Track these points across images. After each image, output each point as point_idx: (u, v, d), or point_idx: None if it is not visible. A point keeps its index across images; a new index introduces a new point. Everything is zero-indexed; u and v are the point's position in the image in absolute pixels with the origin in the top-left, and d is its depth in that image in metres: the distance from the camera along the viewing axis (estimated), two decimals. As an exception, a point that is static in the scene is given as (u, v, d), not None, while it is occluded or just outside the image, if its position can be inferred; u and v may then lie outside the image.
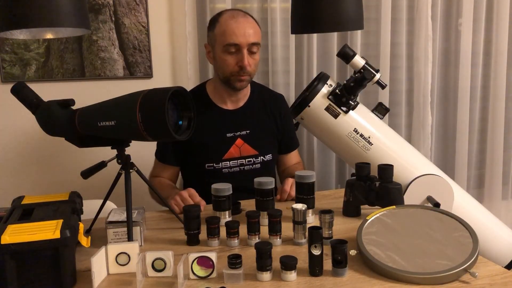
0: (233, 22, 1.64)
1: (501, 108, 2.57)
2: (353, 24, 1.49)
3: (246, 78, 1.68)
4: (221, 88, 1.74)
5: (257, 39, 1.66)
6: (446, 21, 2.47)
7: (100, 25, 2.05)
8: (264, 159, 1.77)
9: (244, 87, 1.72)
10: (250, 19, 1.69)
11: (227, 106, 1.77)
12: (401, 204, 1.38)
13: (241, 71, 1.66)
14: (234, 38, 1.63)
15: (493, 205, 2.62)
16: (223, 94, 1.75)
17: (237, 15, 1.67)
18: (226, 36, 1.64)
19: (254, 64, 1.69)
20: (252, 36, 1.64)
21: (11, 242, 1.00)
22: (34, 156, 2.09)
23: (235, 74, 1.67)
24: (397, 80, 2.42)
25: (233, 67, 1.66)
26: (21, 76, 2.01)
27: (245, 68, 1.65)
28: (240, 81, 1.68)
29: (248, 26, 1.65)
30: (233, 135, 1.74)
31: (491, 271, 1.10)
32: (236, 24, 1.64)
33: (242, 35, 1.63)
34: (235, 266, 1.07)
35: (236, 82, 1.68)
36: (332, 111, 1.63)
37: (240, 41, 1.63)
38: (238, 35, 1.63)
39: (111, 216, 1.31)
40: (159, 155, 1.79)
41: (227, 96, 1.75)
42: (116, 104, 1.22)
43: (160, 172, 1.78)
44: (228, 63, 1.66)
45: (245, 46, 1.64)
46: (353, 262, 1.14)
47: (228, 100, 1.76)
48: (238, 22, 1.64)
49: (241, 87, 1.71)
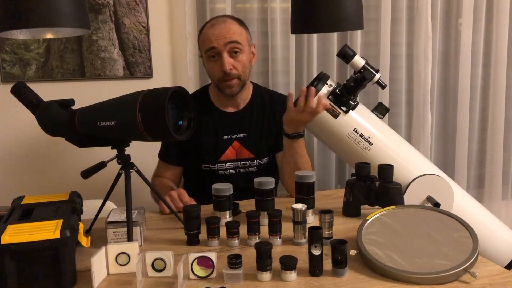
0: (211, 29, 1.65)
1: (501, 108, 2.57)
2: (353, 24, 1.48)
3: (234, 82, 1.66)
4: (219, 93, 1.75)
5: (235, 37, 1.63)
6: (446, 21, 2.47)
7: (100, 25, 2.05)
8: (261, 162, 1.77)
9: (235, 92, 1.70)
10: (230, 21, 1.66)
11: (227, 109, 1.78)
12: (401, 204, 1.38)
13: (225, 76, 1.64)
14: (209, 43, 1.63)
15: (493, 205, 2.62)
16: (222, 98, 1.76)
17: (216, 21, 1.67)
18: (204, 43, 1.66)
19: (240, 66, 1.66)
20: (228, 36, 1.62)
21: (11, 242, 1.00)
22: (34, 156, 2.09)
23: (222, 80, 1.66)
24: (397, 80, 2.42)
25: (218, 73, 1.65)
26: (21, 76, 2.01)
27: (228, 72, 1.63)
28: (229, 87, 1.67)
29: (225, 28, 1.63)
30: (229, 137, 1.75)
31: (491, 271, 1.10)
32: (213, 29, 1.64)
33: (217, 37, 1.62)
34: (235, 266, 1.07)
35: (225, 88, 1.68)
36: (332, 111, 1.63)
37: (216, 44, 1.62)
38: (212, 39, 1.62)
39: (111, 216, 1.31)
40: (162, 155, 1.80)
41: (226, 100, 1.76)
42: (116, 104, 1.22)
43: (163, 171, 1.79)
44: (213, 70, 1.67)
45: (222, 48, 1.62)
46: (353, 262, 1.14)
47: (228, 103, 1.77)
48: (214, 27, 1.64)
49: (232, 93, 1.70)
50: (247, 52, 1.69)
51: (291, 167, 1.64)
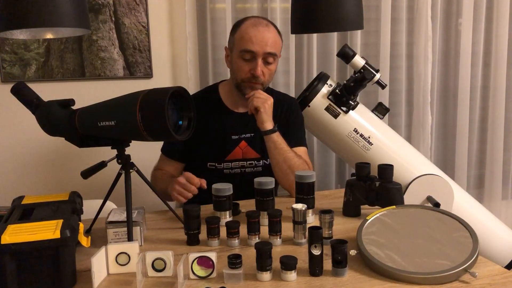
0: (253, 30, 1.65)
1: (501, 108, 2.57)
2: (353, 24, 1.49)
3: (258, 86, 1.68)
4: (234, 92, 1.75)
5: (274, 49, 1.66)
6: (446, 21, 2.47)
7: (100, 25, 2.05)
8: (266, 162, 1.78)
9: None
10: (272, 29, 1.68)
11: (238, 109, 1.78)
12: (401, 204, 1.38)
13: (253, 78, 1.66)
14: (250, 45, 1.64)
15: (493, 205, 2.62)
16: (236, 97, 1.76)
17: (259, 23, 1.67)
18: (243, 42, 1.65)
19: (268, 74, 1.69)
20: (269, 46, 1.64)
21: (11, 242, 1.00)
22: (34, 156, 2.09)
23: (247, 81, 1.68)
24: (397, 80, 2.42)
25: (246, 73, 1.67)
26: (21, 76, 2.01)
27: (257, 77, 1.66)
28: (251, 88, 1.68)
29: (267, 35, 1.64)
30: (238, 137, 1.75)
31: (491, 271, 1.10)
32: (255, 32, 1.64)
33: (259, 43, 1.63)
34: (235, 266, 1.07)
35: (247, 88, 1.69)
36: (332, 111, 1.63)
37: (256, 49, 1.63)
38: (254, 43, 1.63)
39: (111, 216, 1.31)
40: (165, 149, 1.79)
41: (239, 100, 1.76)
42: (116, 104, 1.22)
43: (165, 166, 1.78)
44: (242, 69, 1.68)
45: (260, 54, 1.64)
46: (353, 262, 1.14)
47: (240, 104, 1.77)
48: (257, 30, 1.65)
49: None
50: (277, 62, 1.72)
51: (274, 164, 1.65)
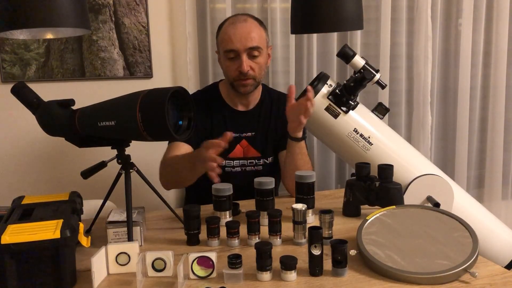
0: (231, 28, 1.65)
1: (501, 108, 2.57)
2: (353, 24, 1.49)
3: (249, 82, 1.68)
4: (231, 91, 1.76)
5: (256, 43, 1.65)
6: (446, 21, 2.47)
7: (100, 25, 2.05)
8: (267, 161, 1.78)
9: (249, 91, 1.73)
10: (251, 23, 1.67)
11: (238, 107, 1.79)
12: (401, 204, 1.38)
13: (242, 75, 1.66)
14: (230, 44, 1.64)
15: (493, 205, 2.62)
16: (234, 96, 1.77)
17: (237, 20, 1.67)
18: (224, 43, 1.66)
19: (258, 68, 1.68)
20: (250, 40, 1.63)
21: (11, 242, 1.00)
22: (34, 156, 2.09)
23: (237, 79, 1.68)
24: (397, 80, 2.42)
25: (234, 72, 1.67)
26: (21, 76, 2.01)
27: (245, 73, 1.65)
28: (243, 86, 1.69)
29: (246, 31, 1.64)
30: (238, 135, 1.76)
31: (491, 271, 1.10)
32: (233, 30, 1.64)
33: (238, 40, 1.63)
34: (235, 266, 1.07)
35: (239, 87, 1.70)
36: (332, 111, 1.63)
37: (237, 46, 1.63)
38: (234, 41, 1.63)
39: (111, 216, 1.31)
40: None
41: (237, 98, 1.77)
42: (116, 104, 1.22)
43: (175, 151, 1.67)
44: (230, 69, 1.68)
45: (242, 51, 1.64)
46: (353, 262, 1.14)
47: (239, 102, 1.78)
48: (235, 27, 1.64)
49: (246, 92, 1.71)
50: (265, 54, 1.71)
51: (292, 168, 1.64)
